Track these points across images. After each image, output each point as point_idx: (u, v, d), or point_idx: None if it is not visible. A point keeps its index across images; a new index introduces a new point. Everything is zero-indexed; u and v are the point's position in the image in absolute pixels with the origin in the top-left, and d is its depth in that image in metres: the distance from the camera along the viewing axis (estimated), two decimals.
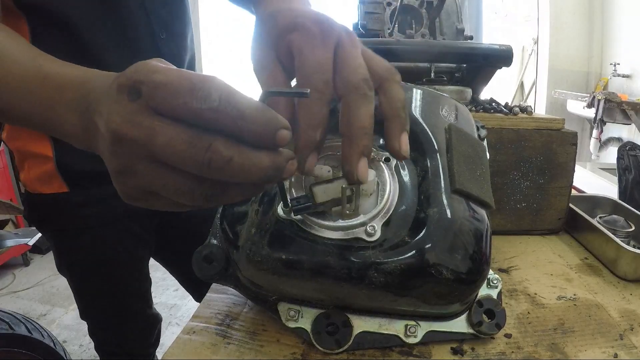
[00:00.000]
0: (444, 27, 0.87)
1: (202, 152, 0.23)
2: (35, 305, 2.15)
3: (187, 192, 0.25)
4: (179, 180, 0.25)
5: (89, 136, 0.30)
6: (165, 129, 0.23)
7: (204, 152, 0.23)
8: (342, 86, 0.31)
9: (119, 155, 0.25)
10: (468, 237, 0.38)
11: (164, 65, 0.25)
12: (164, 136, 0.23)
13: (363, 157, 0.31)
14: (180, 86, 0.23)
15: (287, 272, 0.36)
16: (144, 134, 0.24)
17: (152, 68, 0.24)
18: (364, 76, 0.31)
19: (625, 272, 0.56)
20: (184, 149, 0.23)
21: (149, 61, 0.25)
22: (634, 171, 1.63)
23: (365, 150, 0.31)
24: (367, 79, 0.31)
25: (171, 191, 0.25)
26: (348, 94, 0.31)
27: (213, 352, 0.41)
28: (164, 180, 0.25)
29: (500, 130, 0.64)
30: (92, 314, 0.86)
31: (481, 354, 0.41)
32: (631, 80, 2.90)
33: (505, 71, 0.75)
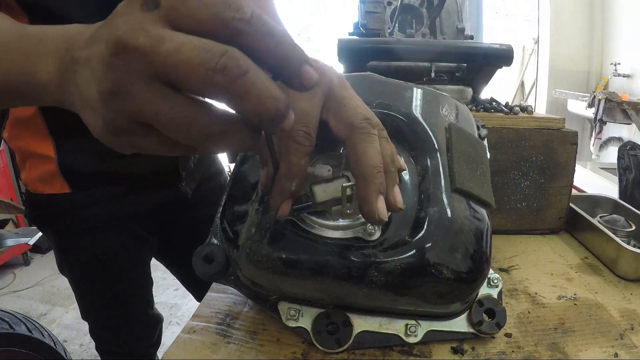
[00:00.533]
0: (445, 27, 0.87)
1: (217, 57, 0.20)
2: (36, 304, 2.15)
3: (183, 123, 0.22)
4: (177, 106, 0.22)
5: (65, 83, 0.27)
6: (176, 36, 0.21)
7: (219, 57, 0.20)
8: (345, 128, 0.32)
9: (116, 69, 0.22)
10: (468, 236, 0.38)
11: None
12: (173, 42, 0.21)
13: (380, 195, 0.31)
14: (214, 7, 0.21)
15: (288, 271, 0.36)
16: (149, 43, 0.21)
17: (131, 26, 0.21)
18: (365, 116, 0.32)
19: (625, 271, 0.55)
20: (195, 55, 0.20)
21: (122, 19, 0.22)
22: (634, 171, 1.63)
23: (381, 187, 0.31)
24: (368, 118, 0.32)
25: (165, 120, 0.22)
26: (352, 135, 0.31)
27: (213, 352, 0.41)
28: (160, 105, 0.22)
29: (501, 130, 0.64)
30: (93, 315, 0.86)
31: (481, 354, 0.41)
32: (631, 80, 2.90)
33: (506, 71, 0.75)
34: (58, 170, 0.66)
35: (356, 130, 0.31)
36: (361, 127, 0.31)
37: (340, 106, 0.32)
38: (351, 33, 0.86)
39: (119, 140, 0.25)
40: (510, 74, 3.79)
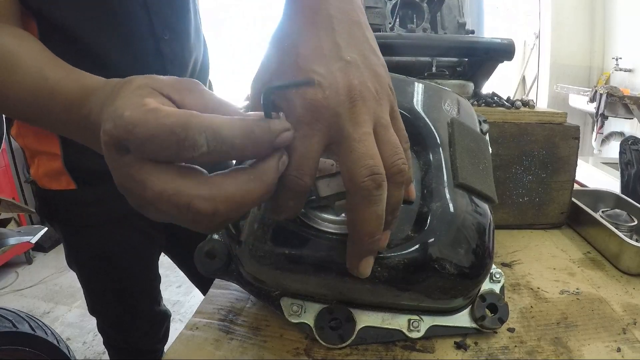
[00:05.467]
0: (446, 22, 0.86)
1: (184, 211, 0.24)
2: (39, 303, 2.16)
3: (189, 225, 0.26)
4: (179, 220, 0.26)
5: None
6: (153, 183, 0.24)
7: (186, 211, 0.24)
8: (346, 181, 0.28)
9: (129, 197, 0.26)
10: (471, 231, 0.38)
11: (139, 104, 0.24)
12: (152, 190, 0.24)
13: (368, 256, 0.31)
14: (165, 140, 0.23)
15: (290, 267, 0.36)
16: (138, 187, 0.24)
17: (130, 120, 0.23)
18: (371, 170, 0.27)
19: (628, 266, 0.55)
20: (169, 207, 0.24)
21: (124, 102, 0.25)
22: (636, 165, 1.62)
23: (372, 251, 0.30)
24: (374, 173, 0.27)
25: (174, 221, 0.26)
26: (351, 193, 0.28)
27: (216, 348, 0.41)
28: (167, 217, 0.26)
29: (503, 124, 0.64)
30: (100, 310, 0.87)
31: (484, 349, 0.41)
32: (633, 74, 2.89)
33: (507, 65, 0.75)
34: (64, 167, 0.66)
35: (356, 191, 0.27)
36: (362, 189, 0.27)
37: (346, 150, 0.27)
38: None
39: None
40: (512, 69, 3.78)
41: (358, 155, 0.27)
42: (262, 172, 0.25)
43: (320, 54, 0.28)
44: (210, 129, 0.23)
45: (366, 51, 0.30)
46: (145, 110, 0.24)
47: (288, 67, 0.29)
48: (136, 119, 0.23)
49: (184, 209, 0.24)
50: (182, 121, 0.23)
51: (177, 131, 0.23)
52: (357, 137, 0.27)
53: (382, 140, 0.28)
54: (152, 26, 0.62)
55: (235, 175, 0.25)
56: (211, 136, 0.23)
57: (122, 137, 0.24)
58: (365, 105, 0.28)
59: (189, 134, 0.23)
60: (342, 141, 0.27)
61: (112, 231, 0.74)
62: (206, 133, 0.23)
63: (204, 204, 0.24)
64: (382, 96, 0.29)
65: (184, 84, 0.28)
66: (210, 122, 0.23)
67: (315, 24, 0.30)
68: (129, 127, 0.23)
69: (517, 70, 3.81)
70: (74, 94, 0.34)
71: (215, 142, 0.23)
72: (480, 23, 3.41)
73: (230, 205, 0.25)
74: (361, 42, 0.30)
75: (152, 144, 0.23)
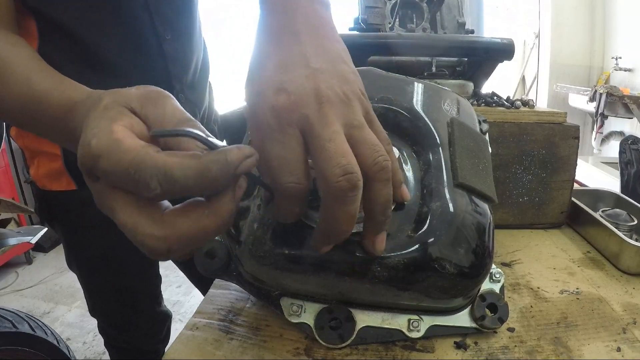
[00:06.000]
0: (445, 21, 0.86)
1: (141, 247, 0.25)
2: (39, 303, 2.16)
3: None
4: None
5: None
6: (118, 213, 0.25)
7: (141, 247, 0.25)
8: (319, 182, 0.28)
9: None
10: (471, 231, 0.38)
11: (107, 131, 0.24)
12: (118, 220, 0.25)
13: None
14: (122, 177, 0.23)
15: (290, 267, 0.36)
16: (108, 212, 0.26)
17: (95, 151, 0.24)
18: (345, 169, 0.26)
19: (628, 265, 0.55)
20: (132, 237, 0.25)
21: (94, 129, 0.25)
22: (636, 165, 1.62)
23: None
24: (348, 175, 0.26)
25: None
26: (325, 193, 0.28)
27: (216, 348, 0.41)
28: None
29: (502, 124, 0.64)
30: (101, 311, 0.87)
31: (484, 348, 0.41)
32: (633, 74, 2.89)
33: (507, 65, 0.75)
34: (65, 167, 0.66)
35: (330, 191, 0.27)
36: (336, 189, 0.26)
37: (317, 150, 0.27)
38: (351, 28, 0.85)
39: None
40: (511, 69, 3.77)
41: (329, 154, 0.27)
42: (217, 207, 0.25)
43: (286, 64, 0.29)
44: (162, 172, 0.23)
45: (335, 61, 0.31)
46: (110, 140, 0.24)
47: (254, 80, 0.30)
48: (101, 149, 0.24)
49: (139, 245, 0.25)
50: (136, 162, 0.23)
51: (130, 171, 0.23)
52: (326, 136, 0.27)
53: (358, 140, 0.28)
54: (153, 26, 0.62)
55: (189, 212, 0.25)
56: (163, 179, 0.23)
57: (90, 166, 0.24)
58: (334, 107, 0.28)
59: (141, 176, 0.23)
60: (313, 141, 0.27)
61: (112, 231, 0.74)
62: (158, 176, 0.23)
63: (157, 244, 0.24)
64: (352, 99, 0.29)
65: (149, 95, 0.28)
66: (163, 164, 0.23)
67: (282, 40, 0.31)
68: (95, 157, 0.24)
69: (516, 69, 3.81)
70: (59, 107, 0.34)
71: (167, 185, 0.23)
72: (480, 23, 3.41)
73: (183, 243, 0.25)
74: (329, 53, 0.31)
75: (113, 176, 0.24)
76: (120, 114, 0.26)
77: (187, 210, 0.25)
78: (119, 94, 0.27)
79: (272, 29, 0.32)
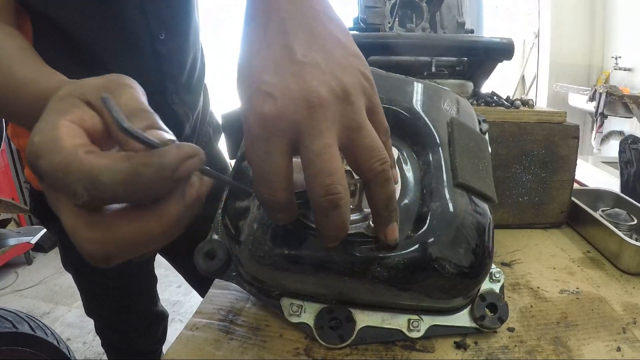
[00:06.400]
0: (445, 21, 0.86)
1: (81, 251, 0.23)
2: (39, 303, 2.16)
3: None
4: None
5: None
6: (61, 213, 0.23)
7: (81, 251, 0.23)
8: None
9: None
10: (471, 231, 0.38)
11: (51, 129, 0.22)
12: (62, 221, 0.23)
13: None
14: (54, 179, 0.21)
15: (290, 267, 0.36)
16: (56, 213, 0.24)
17: (35, 150, 0.22)
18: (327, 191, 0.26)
19: (628, 265, 0.55)
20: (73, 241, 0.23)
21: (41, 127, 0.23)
22: (635, 164, 1.62)
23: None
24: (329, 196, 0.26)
25: None
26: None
27: (216, 348, 0.41)
28: None
29: (502, 124, 0.64)
30: (98, 312, 0.87)
31: (484, 348, 0.41)
32: (633, 73, 2.89)
33: (506, 65, 0.75)
34: None
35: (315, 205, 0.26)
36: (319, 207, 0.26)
37: (305, 164, 0.26)
38: (351, 28, 0.85)
39: None
40: (511, 68, 3.77)
41: (315, 172, 0.25)
42: (160, 213, 0.23)
43: (270, 61, 0.27)
44: (88, 177, 0.20)
45: (329, 45, 0.28)
46: (50, 138, 0.22)
47: (242, 83, 0.28)
48: (40, 149, 0.22)
49: (79, 249, 0.23)
50: (63, 165, 0.21)
51: (59, 176, 0.21)
52: (316, 149, 0.25)
53: (356, 146, 0.27)
54: (147, 26, 0.62)
55: (131, 215, 0.23)
56: (89, 185, 0.20)
57: (32, 164, 0.22)
58: (328, 111, 0.26)
59: (67, 181, 0.21)
60: (302, 152, 0.26)
61: None
62: (83, 182, 0.20)
63: (94, 248, 0.22)
64: (351, 93, 0.27)
65: (107, 85, 0.26)
66: (89, 168, 0.21)
67: (267, 31, 0.29)
68: (35, 157, 0.22)
69: (516, 69, 3.81)
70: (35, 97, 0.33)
71: (95, 191, 0.21)
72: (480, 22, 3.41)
73: (123, 248, 0.23)
74: (322, 37, 0.28)
75: (49, 179, 0.22)
76: (72, 106, 0.24)
77: (130, 212, 0.23)
78: (77, 85, 0.26)
79: (257, 17, 0.30)
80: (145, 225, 0.23)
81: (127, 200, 0.23)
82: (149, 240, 0.23)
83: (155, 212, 0.23)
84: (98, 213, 0.23)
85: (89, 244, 0.22)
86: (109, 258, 0.23)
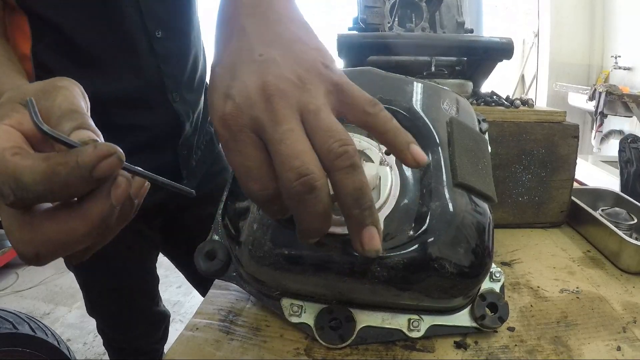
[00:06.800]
0: (444, 21, 0.86)
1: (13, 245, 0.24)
2: (39, 304, 2.16)
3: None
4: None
5: None
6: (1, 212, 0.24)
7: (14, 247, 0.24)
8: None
9: None
10: (470, 230, 0.38)
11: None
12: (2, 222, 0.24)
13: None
14: None
15: (290, 267, 0.36)
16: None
17: None
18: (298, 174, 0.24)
19: (628, 264, 0.55)
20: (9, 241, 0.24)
21: None
22: (635, 164, 1.62)
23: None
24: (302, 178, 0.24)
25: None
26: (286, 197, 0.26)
27: (216, 348, 0.41)
28: None
29: (502, 123, 0.64)
30: (99, 311, 0.87)
31: (484, 348, 0.41)
32: (632, 72, 2.89)
33: (506, 64, 0.75)
34: None
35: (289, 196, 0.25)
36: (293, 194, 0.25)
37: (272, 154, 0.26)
38: (351, 28, 0.85)
39: None
40: (511, 68, 3.78)
41: (282, 159, 0.25)
42: (84, 210, 0.24)
43: (231, 65, 0.28)
44: (12, 177, 0.22)
45: (288, 43, 0.29)
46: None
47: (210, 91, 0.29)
48: None
49: (14, 249, 0.24)
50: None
51: None
52: (278, 137, 0.25)
53: (312, 128, 0.26)
54: (143, 24, 0.61)
55: (56, 215, 0.24)
56: (14, 185, 0.22)
57: None
58: (284, 98, 0.26)
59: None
60: (268, 144, 0.26)
61: None
62: (9, 182, 0.22)
63: (25, 248, 0.24)
64: (308, 80, 0.27)
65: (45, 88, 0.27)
66: (13, 169, 0.22)
67: (230, 38, 0.30)
68: None
69: (516, 69, 3.81)
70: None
71: (20, 192, 0.22)
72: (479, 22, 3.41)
73: (51, 248, 0.24)
74: (281, 36, 0.30)
75: None
76: (11, 110, 0.25)
77: (55, 212, 0.24)
78: (18, 91, 0.27)
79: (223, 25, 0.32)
80: (71, 224, 0.23)
81: (50, 200, 0.23)
82: (74, 240, 0.24)
83: (79, 212, 0.24)
84: (29, 213, 0.24)
85: (21, 244, 0.24)
86: (39, 257, 0.24)
